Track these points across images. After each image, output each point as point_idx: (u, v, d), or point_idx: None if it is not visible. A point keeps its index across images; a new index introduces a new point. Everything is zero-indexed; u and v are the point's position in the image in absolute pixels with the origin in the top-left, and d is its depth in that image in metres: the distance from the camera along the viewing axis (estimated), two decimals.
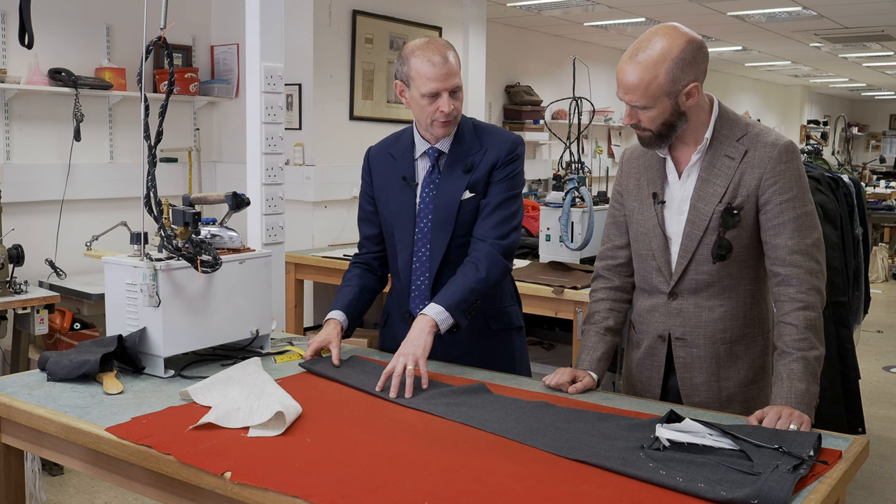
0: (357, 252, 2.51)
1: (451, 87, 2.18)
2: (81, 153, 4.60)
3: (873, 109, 19.02)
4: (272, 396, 1.84)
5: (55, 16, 4.50)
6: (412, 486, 1.48)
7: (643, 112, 1.96)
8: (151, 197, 2.06)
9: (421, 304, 2.29)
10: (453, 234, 2.27)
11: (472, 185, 2.26)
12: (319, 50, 5.07)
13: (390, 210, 2.34)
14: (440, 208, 2.27)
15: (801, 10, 7.06)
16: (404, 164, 2.33)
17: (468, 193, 2.26)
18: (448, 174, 2.28)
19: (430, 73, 2.16)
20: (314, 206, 5.10)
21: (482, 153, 2.28)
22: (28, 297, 3.74)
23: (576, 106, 4.09)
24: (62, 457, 1.91)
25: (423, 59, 2.17)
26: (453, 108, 2.20)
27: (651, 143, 2.04)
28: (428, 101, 2.20)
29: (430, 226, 2.29)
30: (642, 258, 2.15)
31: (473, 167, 2.26)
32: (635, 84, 1.92)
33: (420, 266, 2.32)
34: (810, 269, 1.95)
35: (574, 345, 3.56)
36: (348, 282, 2.44)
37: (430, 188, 2.30)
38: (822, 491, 1.49)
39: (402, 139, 2.39)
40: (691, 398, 2.10)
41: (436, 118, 2.22)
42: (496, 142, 2.30)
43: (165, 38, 2.10)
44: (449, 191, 2.27)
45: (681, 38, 1.92)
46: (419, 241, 2.30)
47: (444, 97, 2.18)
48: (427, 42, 2.21)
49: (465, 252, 2.28)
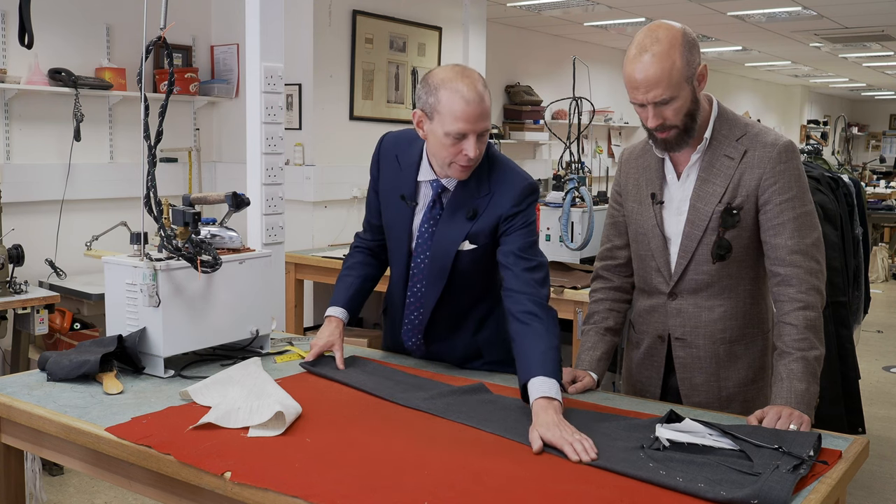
0: (360, 234, 2.41)
1: (480, 130, 1.96)
2: (81, 153, 4.60)
3: (873, 109, 19.02)
4: (272, 396, 1.84)
5: (55, 16, 4.50)
6: (412, 486, 1.48)
7: (668, 107, 1.91)
8: (151, 197, 2.06)
9: (414, 338, 2.27)
10: (449, 281, 2.15)
11: (473, 235, 2.10)
12: (319, 50, 5.07)
13: (387, 219, 2.25)
14: (436, 254, 2.14)
15: (801, 10, 7.06)
16: (407, 180, 2.16)
17: (468, 244, 2.10)
18: (449, 216, 2.11)
19: (461, 113, 1.92)
20: (314, 206, 5.10)
21: (489, 198, 2.08)
22: (28, 297, 3.73)
23: (576, 106, 4.09)
24: (62, 457, 1.91)
25: (456, 94, 1.92)
26: (478, 152, 1.98)
27: (678, 142, 1.98)
28: (451, 142, 1.97)
29: (427, 266, 2.17)
30: (641, 259, 2.15)
31: (477, 214, 2.08)
32: (657, 76, 1.88)
33: (415, 302, 2.23)
34: (810, 269, 1.95)
35: (574, 345, 3.56)
36: (350, 270, 2.36)
37: (430, 224, 2.14)
38: (822, 491, 1.49)
39: (413, 147, 2.18)
40: (691, 398, 2.10)
41: (456, 161, 2.00)
42: (507, 187, 2.09)
43: (165, 38, 2.10)
44: (448, 237, 2.11)
45: (676, 26, 1.94)
46: (415, 276, 2.19)
47: (471, 140, 1.96)
48: (460, 73, 1.96)
49: (460, 297, 2.18)
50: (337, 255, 4.45)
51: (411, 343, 2.29)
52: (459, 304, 2.21)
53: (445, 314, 2.21)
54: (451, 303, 2.20)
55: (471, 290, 2.21)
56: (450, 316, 2.22)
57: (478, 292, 2.24)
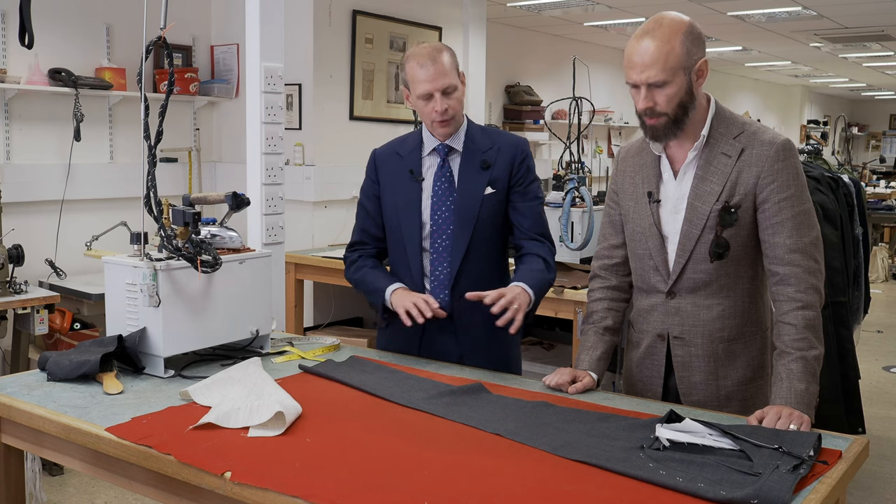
0: (355, 246, 2.48)
1: (442, 88, 2.25)
2: (81, 153, 4.60)
3: (873, 109, 19.01)
4: (272, 396, 1.84)
5: (55, 16, 4.50)
6: (412, 486, 1.48)
7: (660, 91, 1.93)
8: (151, 197, 2.07)
9: (441, 293, 2.33)
10: (475, 229, 2.32)
11: (493, 181, 2.34)
12: (319, 50, 5.07)
13: (397, 205, 2.38)
14: (462, 202, 2.32)
15: (801, 10, 7.06)
16: (412, 160, 2.39)
17: (490, 189, 2.33)
18: (466, 169, 2.34)
19: (421, 76, 2.25)
20: (314, 206, 5.10)
21: (496, 151, 2.36)
22: (28, 297, 3.74)
23: (576, 106, 4.09)
24: (62, 457, 1.91)
25: (415, 62, 2.26)
26: (447, 106, 2.26)
27: (665, 132, 1.99)
28: (424, 103, 2.28)
29: (450, 218, 2.32)
30: (639, 258, 2.15)
31: (490, 164, 2.34)
32: (653, 57, 1.90)
33: (438, 257, 2.34)
34: (809, 268, 1.95)
35: (574, 345, 3.56)
36: (373, 266, 2.43)
37: (442, 182, 2.34)
38: (822, 491, 1.49)
39: (408, 140, 2.45)
40: (689, 397, 2.10)
41: (433, 118, 2.29)
42: (506, 141, 2.39)
43: (165, 38, 2.10)
44: (470, 186, 2.33)
45: (683, 18, 1.96)
46: (435, 232, 2.34)
47: (437, 97, 2.26)
48: (420, 47, 2.31)
49: (486, 247, 2.35)
50: (337, 255, 4.45)
51: (440, 297, 2.32)
52: (485, 255, 2.35)
53: (471, 267, 2.32)
54: (476, 255, 2.33)
55: (490, 242, 2.37)
56: (474, 270, 2.33)
57: (496, 246, 2.40)
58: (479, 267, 2.33)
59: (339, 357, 2.33)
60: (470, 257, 2.32)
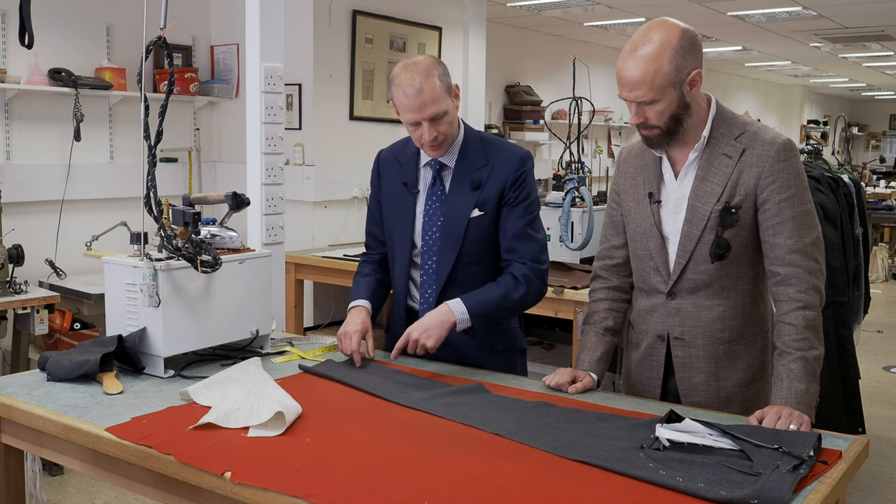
0: (365, 252, 2.52)
1: (429, 117, 2.13)
2: (81, 153, 4.60)
3: (873, 109, 19.01)
4: (272, 396, 1.84)
5: (55, 16, 4.50)
6: (412, 486, 1.48)
7: (650, 107, 1.94)
8: (151, 197, 2.07)
9: None
10: (460, 252, 2.25)
11: (481, 203, 2.24)
12: (319, 50, 5.07)
13: (391, 216, 2.35)
14: (448, 224, 2.25)
15: (801, 10, 7.06)
16: (408, 170, 2.33)
17: (477, 211, 2.24)
18: (455, 189, 2.26)
19: (405, 105, 2.13)
20: (314, 206, 5.10)
21: (489, 168, 2.24)
22: (28, 297, 3.74)
23: (576, 106, 4.09)
24: (62, 457, 1.91)
25: (399, 89, 2.13)
26: (435, 134, 2.16)
27: (659, 142, 2.01)
28: (413, 128, 2.19)
29: (437, 240, 2.27)
30: (640, 258, 2.15)
31: (481, 184, 2.23)
32: (640, 78, 1.90)
33: (427, 280, 2.30)
34: (809, 269, 1.95)
35: (574, 345, 3.56)
36: (366, 274, 2.44)
37: (433, 200, 2.28)
38: (822, 491, 1.49)
39: (409, 145, 2.36)
40: (690, 398, 2.10)
41: (422, 143, 2.21)
42: (503, 157, 2.26)
43: (165, 38, 2.10)
44: (457, 207, 2.25)
45: (676, 28, 1.93)
46: (425, 253, 2.29)
47: (425, 126, 2.14)
48: (407, 70, 2.13)
49: (472, 271, 2.26)
50: (337, 255, 4.45)
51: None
52: (474, 279, 2.25)
53: (455, 292, 2.22)
54: (461, 280, 2.25)
55: (480, 266, 2.28)
56: (459, 294, 2.22)
57: (486, 270, 2.28)
58: (465, 292, 2.22)
59: (339, 357, 2.33)
60: (456, 281, 2.25)
